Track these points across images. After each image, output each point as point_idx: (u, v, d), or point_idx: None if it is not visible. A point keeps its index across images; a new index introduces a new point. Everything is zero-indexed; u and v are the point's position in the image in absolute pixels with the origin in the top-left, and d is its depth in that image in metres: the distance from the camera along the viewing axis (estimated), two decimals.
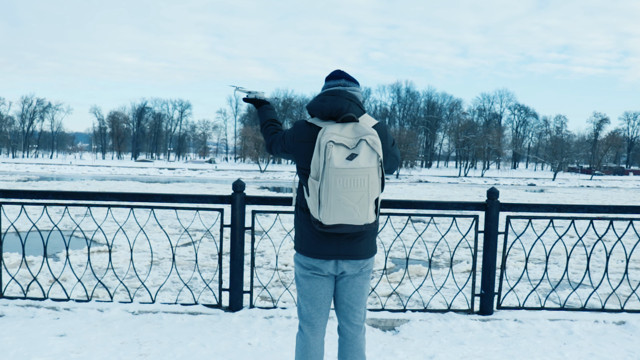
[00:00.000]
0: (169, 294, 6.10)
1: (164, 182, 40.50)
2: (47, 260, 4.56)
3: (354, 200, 2.25)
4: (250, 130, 76.83)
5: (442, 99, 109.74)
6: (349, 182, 2.23)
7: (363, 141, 2.28)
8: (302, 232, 2.49)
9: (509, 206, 4.42)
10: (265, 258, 8.85)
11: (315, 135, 2.39)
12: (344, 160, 2.23)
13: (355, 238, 2.46)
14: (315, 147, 2.32)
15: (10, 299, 4.35)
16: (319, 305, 2.55)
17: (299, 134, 2.47)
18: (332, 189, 2.22)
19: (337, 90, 2.47)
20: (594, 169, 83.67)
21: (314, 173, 2.31)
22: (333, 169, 2.21)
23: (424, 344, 3.74)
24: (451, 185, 48.88)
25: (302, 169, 2.47)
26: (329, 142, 2.25)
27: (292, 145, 2.52)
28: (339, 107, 2.38)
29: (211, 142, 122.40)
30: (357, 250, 2.48)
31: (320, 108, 2.40)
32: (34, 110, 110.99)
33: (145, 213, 11.10)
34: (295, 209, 2.58)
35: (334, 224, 2.28)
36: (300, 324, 2.61)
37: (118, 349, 3.48)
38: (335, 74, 2.58)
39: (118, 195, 4.43)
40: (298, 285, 2.59)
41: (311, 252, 2.45)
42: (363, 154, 2.26)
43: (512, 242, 4.79)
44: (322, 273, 2.49)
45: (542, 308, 4.48)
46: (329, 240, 2.43)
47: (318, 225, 2.32)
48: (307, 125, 2.47)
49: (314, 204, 2.32)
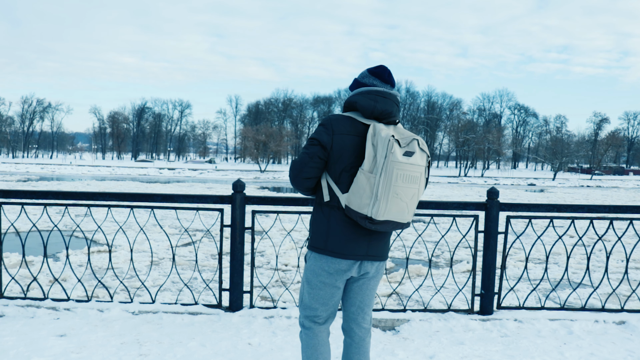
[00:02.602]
0: (169, 294, 6.10)
1: (164, 182, 40.48)
2: (47, 260, 4.56)
3: (407, 197, 2.26)
4: (250, 130, 76.82)
5: (442, 99, 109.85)
6: (407, 178, 2.24)
7: (415, 141, 2.31)
8: (330, 231, 2.38)
9: (509, 206, 4.42)
10: (265, 258, 8.84)
11: (360, 129, 2.37)
12: (403, 155, 2.24)
13: (384, 238, 2.44)
14: (367, 141, 2.29)
15: (10, 299, 4.35)
16: (332, 309, 2.52)
17: (339, 126, 2.38)
18: (392, 183, 2.21)
19: (386, 92, 2.44)
20: (594, 169, 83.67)
21: (369, 166, 2.25)
22: (396, 162, 2.20)
23: (424, 343, 3.74)
24: (451, 185, 48.87)
25: (339, 164, 2.36)
26: (392, 137, 2.24)
27: (331, 139, 2.37)
28: (389, 110, 2.39)
29: (211, 142, 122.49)
30: (382, 250, 2.46)
31: (371, 107, 2.37)
32: (34, 110, 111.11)
33: (145, 213, 11.10)
34: (319, 208, 2.45)
35: (384, 220, 2.24)
36: (304, 322, 2.54)
37: (118, 349, 3.48)
38: (385, 77, 2.49)
39: (118, 195, 4.43)
40: (311, 288, 2.48)
41: (339, 252, 2.36)
42: (417, 152, 2.29)
43: (512, 242, 4.78)
44: (345, 277, 2.42)
45: (542, 308, 4.49)
46: (359, 238, 2.36)
47: (367, 221, 2.25)
48: (347, 118, 2.41)
49: (365, 197, 2.24)
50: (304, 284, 2.52)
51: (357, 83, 2.52)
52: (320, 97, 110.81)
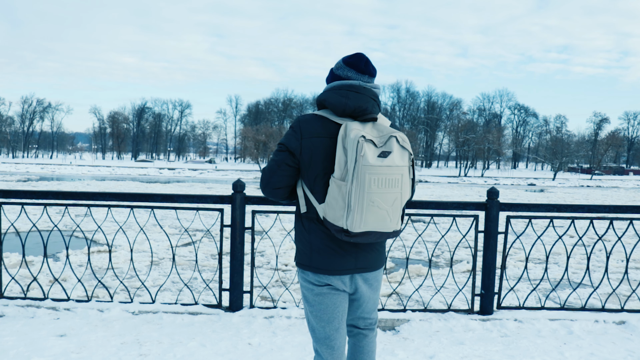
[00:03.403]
0: (169, 294, 6.10)
1: (164, 182, 40.48)
2: (47, 260, 4.56)
3: (387, 203, 2.02)
4: (250, 130, 76.83)
5: (442, 99, 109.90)
6: (384, 182, 2.00)
7: (393, 138, 2.06)
8: (312, 246, 2.18)
9: (509, 206, 4.42)
10: (265, 258, 8.84)
11: (332, 130, 2.12)
12: (377, 157, 1.99)
13: (374, 247, 2.23)
14: (338, 144, 2.04)
15: (10, 299, 4.35)
16: (337, 325, 2.27)
17: (308, 128, 2.14)
18: (365, 190, 1.97)
19: (360, 86, 2.17)
20: (594, 169, 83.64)
21: (339, 173, 2.02)
22: (367, 166, 1.96)
23: (424, 343, 3.74)
24: (451, 185, 48.86)
25: (312, 171, 2.14)
26: (361, 137, 1.99)
27: (300, 144, 2.14)
28: (364, 106, 2.12)
29: (211, 142, 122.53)
30: (374, 260, 2.25)
31: (342, 104, 2.11)
32: (34, 110, 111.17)
33: (145, 213, 11.09)
34: (299, 220, 2.26)
35: (363, 232, 2.02)
36: (317, 348, 2.31)
37: (118, 349, 3.48)
38: (361, 67, 2.20)
39: (118, 195, 4.43)
40: (309, 305, 2.27)
41: (325, 268, 2.16)
42: (396, 151, 2.04)
43: (512, 242, 4.78)
44: (337, 289, 2.23)
45: (542, 308, 4.48)
46: (346, 252, 2.16)
47: (343, 234, 2.03)
48: (317, 118, 2.16)
49: (338, 209, 2.02)
50: (304, 304, 2.33)
51: (332, 74, 2.26)
52: None
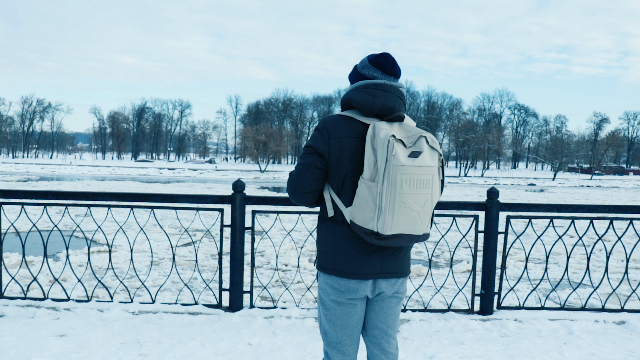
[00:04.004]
0: (169, 294, 6.10)
1: (164, 182, 40.48)
2: (47, 260, 4.56)
3: (418, 204, 1.97)
4: (250, 130, 76.85)
5: (442, 99, 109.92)
6: (415, 182, 1.95)
7: (422, 138, 2.02)
8: (336, 249, 2.12)
9: (509, 206, 4.42)
10: (265, 258, 8.84)
11: (359, 130, 2.09)
12: (407, 157, 1.95)
13: (400, 252, 2.17)
14: (367, 144, 2.01)
15: (10, 299, 4.35)
16: (351, 332, 2.22)
17: (335, 129, 2.10)
18: (397, 190, 1.92)
19: (387, 84, 2.15)
20: (594, 169, 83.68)
21: (368, 174, 1.97)
22: (399, 166, 1.92)
23: (424, 343, 3.73)
24: (451, 185, 48.86)
25: (340, 172, 2.10)
26: (391, 137, 1.95)
27: (327, 145, 2.10)
28: (391, 105, 2.09)
29: (211, 142, 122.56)
30: (400, 266, 2.18)
31: (369, 103, 2.08)
32: (34, 110, 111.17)
33: (145, 213, 11.09)
34: (323, 223, 2.21)
35: (394, 234, 1.97)
36: (328, 351, 2.27)
37: (118, 349, 3.48)
38: (387, 68, 2.18)
39: (118, 196, 4.43)
40: (325, 309, 2.22)
41: (349, 271, 2.10)
42: (426, 151, 2.00)
43: (512, 242, 4.78)
44: (358, 296, 2.16)
45: (542, 308, 4.49)
46: (371, 256, 2.10)
47: (374, 237, 1.98)
48: (343, 119, 2.13)
49: (368, 211, 1.97)
50: (319, 306, 2.29)
51: (356, 73, 2.25)
52: (320, 97, 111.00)
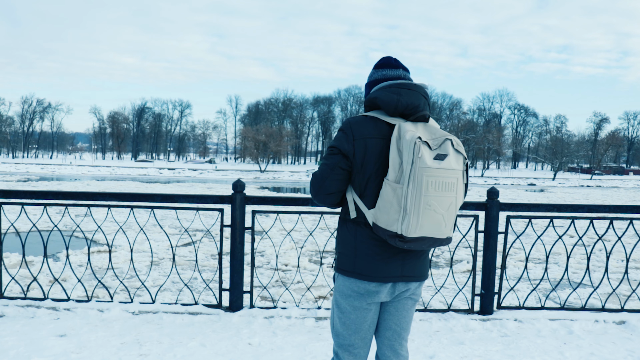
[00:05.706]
0: (169, 294, 6.10)
1: (164, 182, 40.49)
2: (47, 260, 4.56)
3: (443, 207, 1.96)
4: (250, 130, 76.90)
5: (442, 99, 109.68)
6: (440, 185, 1.94)
7: (448, 141, 2.00)
8: (357, 251, 2.11)
9: (509, 206, 4.42)
10: (265, 258, 8.85)
11: (384, 131, 2.07)
12: (433, 160, 1.94)
13: (421, 255, 2.17)
14: (392, 145, 1.99)
15: (10, 299, 4.35)
16: (364, 335, 2.22)
17: (360, 129, 2.08)
18: (423, 192, 1.91)
19: (411, 83, 2.15)
20: (594, 169, 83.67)
21: (393, 176, 1.96)
22: (425, 168, 1.90)
23: (424, 343, 3.73)
24: None
25: (364, 173, 2.08)
26: (417, 139, 1.93)
27: (352, 145, 2.08)
28: (416, 103, 2.08)
29: (211, 142, 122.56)
30: (420, 270, 2.17)
31: (394, 102, 2.07)
32: (33, 110, 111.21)
33: (145, 213, 11.05)
34: (344, 224, 2.19)
35: (418, 237, 1.95)
36: (339, 352, 2.26)
37: (118, 349, 3.48)
38: (391, 62, 2.22)
39: (118, 196, 4.43)
40: (340, 312, 2.21)
41: (369, 274, 2.08)
42: (451, 154, 1.99)
43: (512, 242, 4.78)
44: (377, 299, 2.15)
45: (542, 308, 4.49)
46: (393, 259, 2.09)
47: (397, 239, 1.96)
48: (368, 119, 2.11)
49: (393, 212, 1.95)
50: (334, 307, 2.27)
51: (369, 84, 2.28)
52: (320, 97, 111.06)
